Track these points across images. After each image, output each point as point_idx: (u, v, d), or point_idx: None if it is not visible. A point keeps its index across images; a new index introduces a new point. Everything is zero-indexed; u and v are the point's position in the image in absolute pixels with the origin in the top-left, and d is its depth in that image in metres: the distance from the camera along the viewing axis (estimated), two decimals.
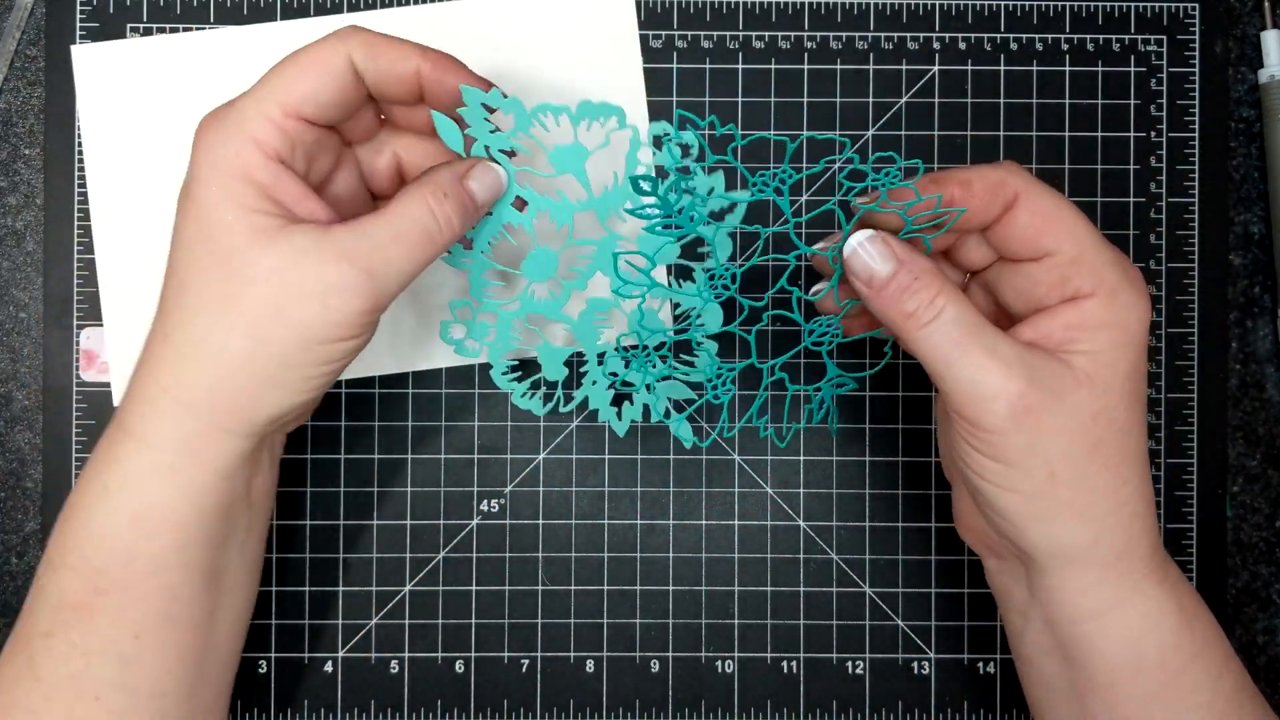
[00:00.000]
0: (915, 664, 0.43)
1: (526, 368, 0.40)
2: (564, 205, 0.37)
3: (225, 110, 0.32)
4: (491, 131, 0.35)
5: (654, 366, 0.38)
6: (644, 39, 0.43)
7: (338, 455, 0.43)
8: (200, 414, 0.32)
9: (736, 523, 0.43)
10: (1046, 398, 0.30)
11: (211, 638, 0.35)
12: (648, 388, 0.39)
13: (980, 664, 0.43)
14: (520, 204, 0.37)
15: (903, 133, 0.43)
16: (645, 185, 0.34)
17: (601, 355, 0.39)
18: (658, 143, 0.36)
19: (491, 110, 0.35)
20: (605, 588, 0.43)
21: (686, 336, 0.38)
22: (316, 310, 0.31)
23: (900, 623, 0.43)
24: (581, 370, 0.38)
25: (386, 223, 0.32)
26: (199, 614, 0.34)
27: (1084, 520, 0.32)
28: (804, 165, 0.37)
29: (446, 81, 0.33)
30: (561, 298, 0.38)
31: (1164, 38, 0.44)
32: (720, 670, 0.43)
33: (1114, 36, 0.44)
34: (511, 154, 0.36)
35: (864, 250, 0.32)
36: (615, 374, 0.39)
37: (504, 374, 0.38)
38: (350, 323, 0.31)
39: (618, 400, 0.39)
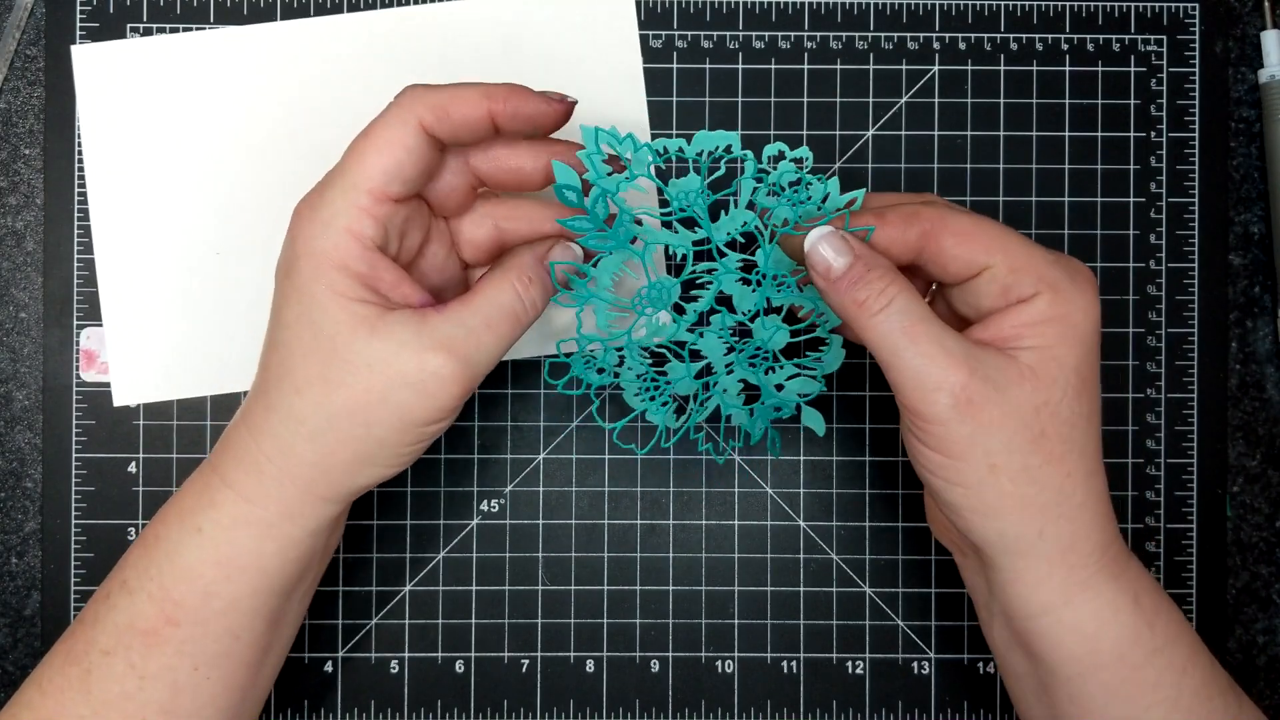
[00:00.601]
0: (915, 664, 0.43)
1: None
2: (683, 237, 0.37)
3: (317, 199, 0.33)
4: (609, 174, 0.35)
5: (780, 367, 0.39)
6: (644, 39, 0.43)
7: None
8: (300, 484, 0.34)
9: (736, 523, 0.43)
10: (988, 389, 0.31)
11: (259, 677, 0.36)
12: (778, 388, 0.39)
13: (980, 664, 0.43)
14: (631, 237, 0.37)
15: (903, 133, 0.43)
16: (571, 195, 0.35)
17: (730, 365, 0.39)
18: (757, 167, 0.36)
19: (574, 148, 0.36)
20: (605, 588, 0.43)
21: (815, 335, 0.39)
22: (416, 397, 0.33)
23: (900, 623, 0.43)
24: (713, 381, 0.39)
25: (478, 310, 0.34)
26: (254, 655, 0.35)
27: (1027, 513, 0.32)
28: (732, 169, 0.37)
29: (521, 113, 0.34)
30: (687, 318, 0.38)
31: (1164, 38, 0.44)
32: (720, 670, 0.43)
33: (1114, 36, 0.44)
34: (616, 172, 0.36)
35: (824, 245, 0.33)
36: (744, 380, 0.39)
37: (635, 395, 0.39)
38: (447, 406, 0.33)
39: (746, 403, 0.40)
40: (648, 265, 0.37)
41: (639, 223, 0.37)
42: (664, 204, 0.37)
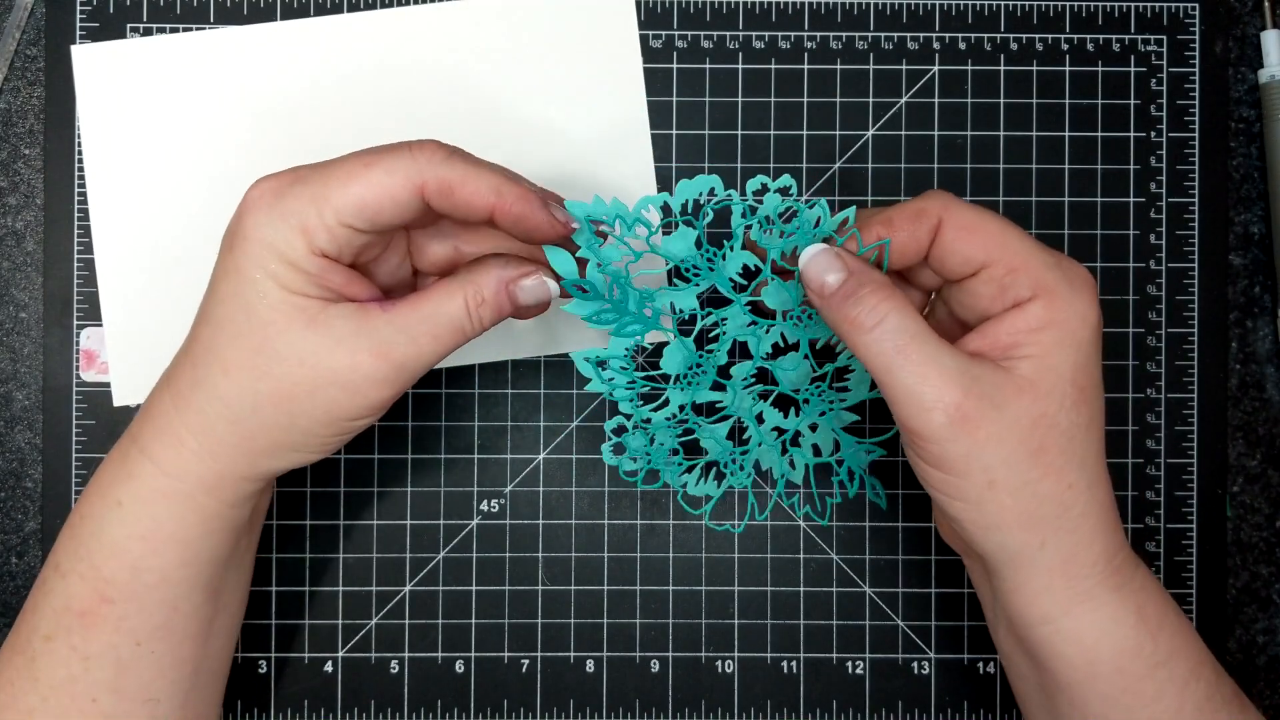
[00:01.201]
0: (915, 664, 0.43)
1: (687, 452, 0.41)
2: (687, 291, 0.37)
3: (284, 191, 0.32)
4: (600, 247, 0.35)
5: (806, 401, 0.39)
6: (644, 39, 0.43)
7: (338, 455, 0.43)
8: (220, 462, 0.33)
9: (736, 523, 0.43)
10: (984, 406, 0.31)
11: (207, 649, 0.36)
12: (812, 428, 0.40)
13: (980, 664, 0.43)
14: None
15: (903, 133, 0.43)
16: (569, 275, 0.35)
17: (760, 415, 0.40)
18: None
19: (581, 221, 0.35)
20: (605, 588, 0.43)
21: (841, 363, 0.39)
22: (345, 395, 0.33)
23: (900, 623, 0.43)
24: (745, 437, 0.40)
25: (425, 317, 0.33)
26: (197, 626, 0.35)
27: (1028, 526, 0.32)
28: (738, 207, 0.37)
29: (523, 223, 0.33)
30: (707, 376, 0.38)
31: (1164, 38, 0.44)
32: (720, 670, 0.43)
33: (1114, 36, 0.44)
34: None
35: (817, 261, 0.33)
36: (777, 429, 0.40)
37: (675, 470, 0.40)
38: (375, 406, 0.33)
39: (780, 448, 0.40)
40: (664, 329, 0.38)
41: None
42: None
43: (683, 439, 0.40)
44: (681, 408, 0.39)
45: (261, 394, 0.32)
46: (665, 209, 0.36)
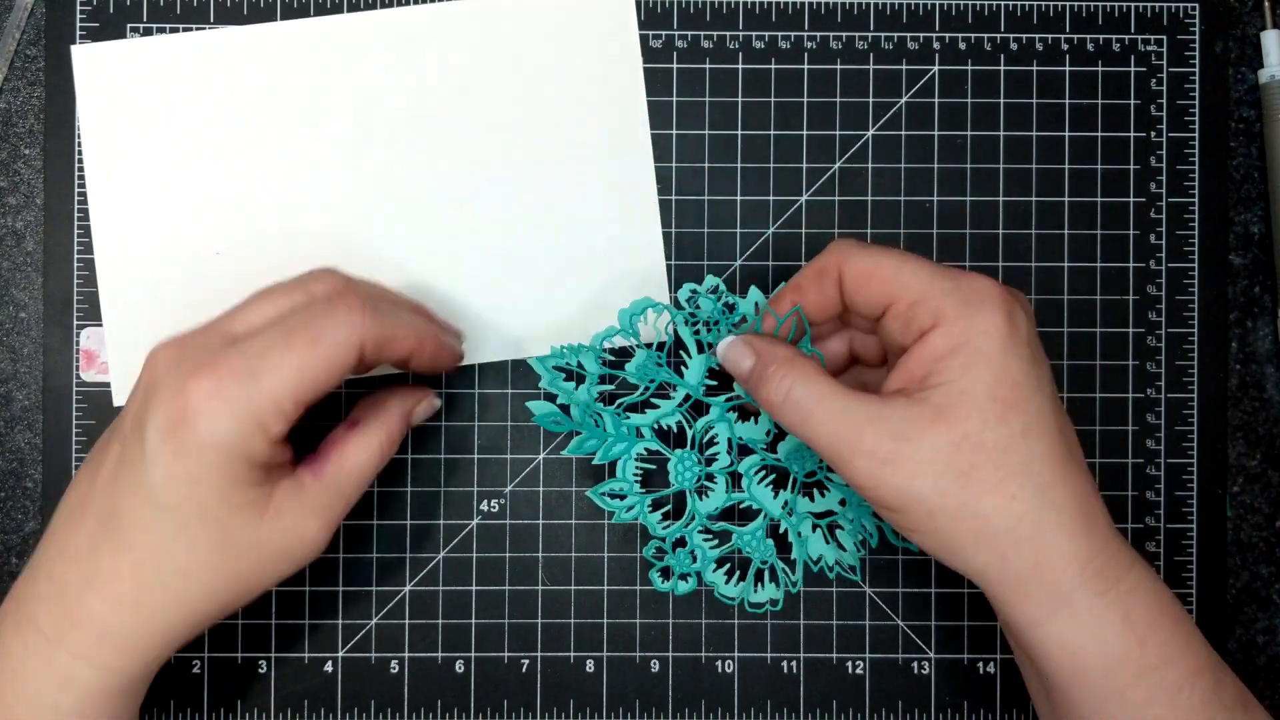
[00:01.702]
0: (915, 664, 0.43)
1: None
2: (668, 406, 0.41)
3: (228, 389, 0.31)
4: (574, 389, 0.41)
5: (829, 484, 0.42)
6: (644, 39, 0.43)
7: None
8: (167, 648, 0.34)
9: (737, 523, 0.43)
10: (898, 444, 0.32)
11: None
12: (842, 503, 0.41)
13: (980, 664, 0.43)
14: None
15: (903, 133, 0.43)
16: (553, 423, 0.41)
17: (787, 505, 0.41)
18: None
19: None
20: (605, 588, 0.43)
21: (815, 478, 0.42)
22: (292, 564, 0.34)
23: (900, 623, 0.43)
24: (781, 531, 0.42)
25: (350, 474, 0.35)
26: None
27: (981, 545, 0.32)
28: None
29: (436, 363, 0.37)
30: (719, 483, 0.41)
31: (1164, 38, 0.44)
32: (720, 670, 0.43)
33: (1114, 36, 0.44)
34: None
35: (730, 353, 0.36)
36: (811, 513, 0.41)
37: (722, 578, 0.41)
38: (313, 558, 0.35)
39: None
40: (659, 445, 0.41)
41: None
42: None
43: (721, 547, 0.41)
44: (711, 518, 0.41)
45: (219, 589, 0.33)
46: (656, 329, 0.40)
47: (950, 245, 0.43)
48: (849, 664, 0.43)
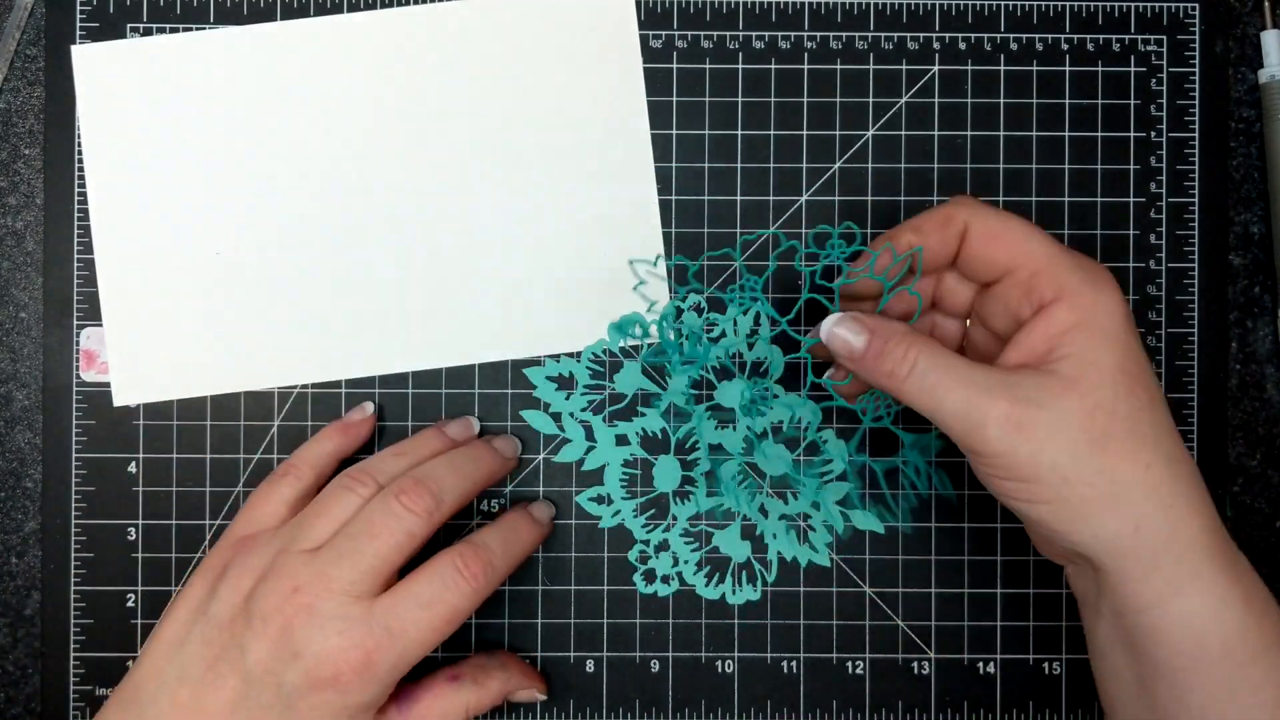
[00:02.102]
0: (915, 664, 0.43)
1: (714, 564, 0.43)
2: (652, 415, 0.42)
3: (382, 658, 0.34)
4: (566, 398, 0.43)
5: (800, 489, 0.43)
6: (644, 39, 0.43)
7: None
8: None
9: (737, 523, 0.43)
10: (1033, 409, 0.32)
11: None
12: (815, 506, 0.42)
13: (980, 664, 0.43)
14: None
15: (903, 133, 0.43)
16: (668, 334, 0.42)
17: (763, 508, 0.43)
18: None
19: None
20: (605, 588, 0.43)
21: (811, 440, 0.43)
22: None
23: (900, 623, 0.43)
24: (758, 534, 0.43)
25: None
26: None
27: (1116, 511, 0.32)
28: (769, 263, 0.43)
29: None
30: (700, 486, 0.43)
31: (1164, 38, 0.44)
32: (720, 670, 0.43)
33: (1114, 36, 0.44)
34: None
35: (839, 332, 0.35)
36: (784, 516, 0.42)
37: (703, 580, 0.43)
38: None
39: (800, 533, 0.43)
40: (643, 452, 0.43)
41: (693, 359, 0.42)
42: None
43: (704, 549, 0.42)
44: (691, 520, 0.43)
45: None
46: (646, 338, 0.42)
47: None
48: (849, 664, 0.43)
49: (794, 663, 0.43)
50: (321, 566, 0.35)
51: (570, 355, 0.43)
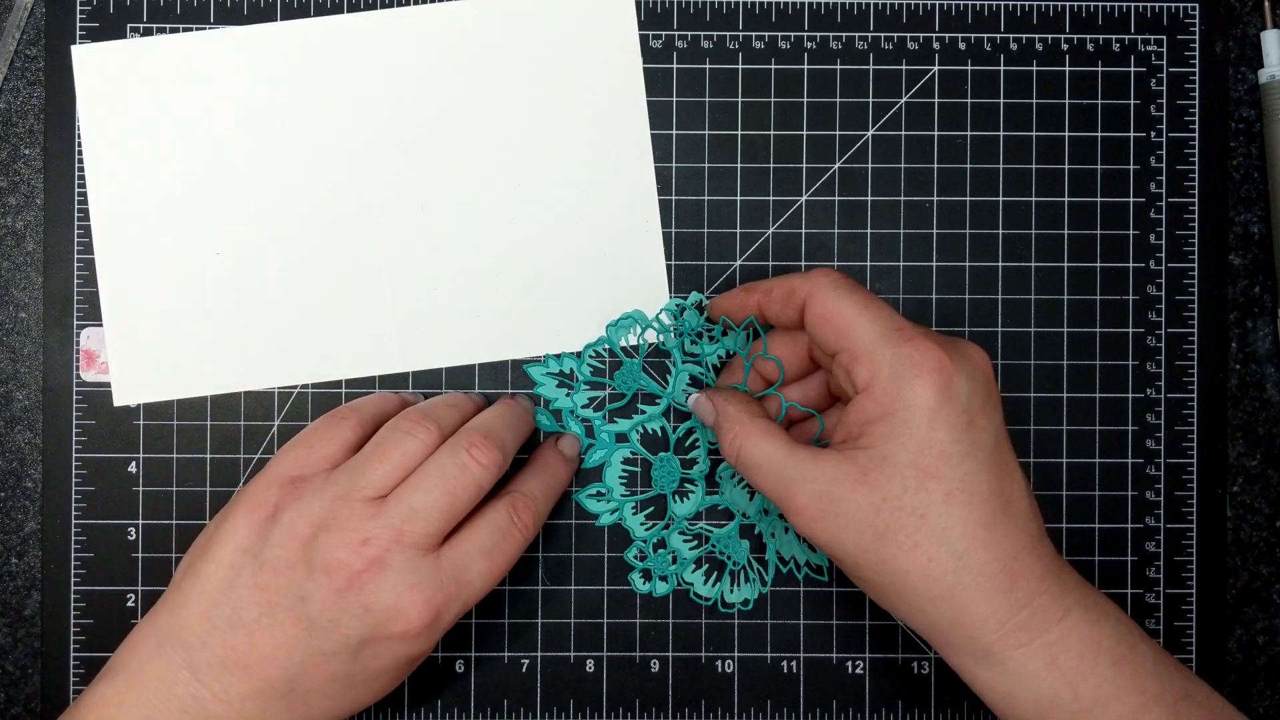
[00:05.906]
0: (915, 664, 0.43)
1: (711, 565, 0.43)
2: (653, 413, 0.42)
3: (449, 611, 0.35)
4: (566, 396, 0.42)
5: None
6: (644, 39, 0.43)
7: None
8: None
9: (737, 523, 0.43)
10: (824, 503, 0.34)
11: None
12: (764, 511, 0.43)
13: None
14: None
15: (902, 133, 0.43)
16: (547, 422, 0.42)
17: (766, 508, 0.43)
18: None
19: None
20: (605, 588, 0.43)
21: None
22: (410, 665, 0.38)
23: (900, 623, 0.43)
24: (756, 533, 0.43)
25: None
26: None
27: (899, 600, 0.34)
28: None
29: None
30: (698, 486, 0.43)
31: (1164, 38, 0.44)
32: (720, 670, 0.43)
33: (1114, 36, 0.44)
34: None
35: (697, 408, 0.39)
36: (767, 509, 0.43)
37: (700, 578, 0.43)
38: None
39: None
40: (644, 451, 0.43)
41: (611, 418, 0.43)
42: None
43: (701, 549, 0.43)
44: (689, 520, 0.43)
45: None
46: (644, 337, 0.42)
47: (950, 245, 0.43)
48: (849, 664, 0.43)
49: (793, 662, 0.43)
50: (391, 520, 0.35)
51: (571, 354, 0.43)
